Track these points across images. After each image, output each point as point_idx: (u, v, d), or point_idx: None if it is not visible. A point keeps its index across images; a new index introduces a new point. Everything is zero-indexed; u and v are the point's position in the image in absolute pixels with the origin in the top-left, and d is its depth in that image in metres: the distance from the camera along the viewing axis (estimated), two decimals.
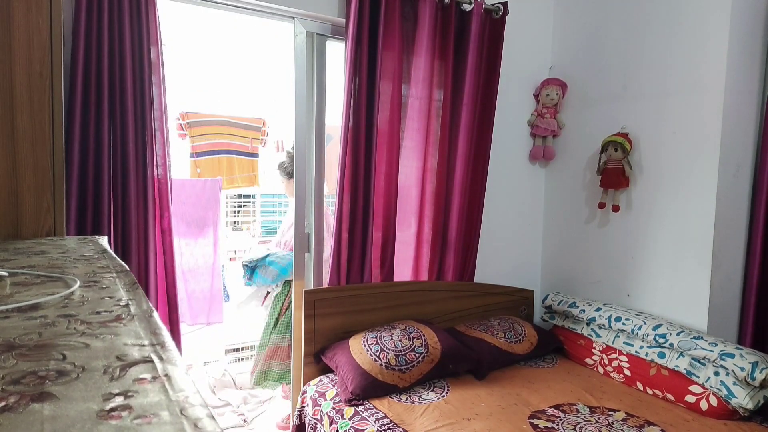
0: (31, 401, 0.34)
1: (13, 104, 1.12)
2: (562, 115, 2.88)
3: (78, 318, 0.54)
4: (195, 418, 0.32)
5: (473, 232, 2.64)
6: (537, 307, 2.99)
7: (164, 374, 0.39)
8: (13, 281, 0.70)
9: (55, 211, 1.18)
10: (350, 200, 2.30)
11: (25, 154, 1.14)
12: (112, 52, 1.82)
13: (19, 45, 1.11)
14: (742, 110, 2.19)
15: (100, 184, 1.83)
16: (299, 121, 2.33)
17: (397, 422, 1.82)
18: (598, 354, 2.43)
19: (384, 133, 2.36)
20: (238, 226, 4.70)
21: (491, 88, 2.60)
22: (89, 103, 1.79)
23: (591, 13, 2.73)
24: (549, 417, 1.89)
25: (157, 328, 0.52)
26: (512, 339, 2.43)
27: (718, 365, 1.96)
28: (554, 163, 2.97)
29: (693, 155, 2.25)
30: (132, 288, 0.69)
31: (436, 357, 2.14)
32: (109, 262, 0.88)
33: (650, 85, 2.42)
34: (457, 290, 2.64)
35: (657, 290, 2.42)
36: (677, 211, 2.32)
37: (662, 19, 2.36)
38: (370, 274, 2.40)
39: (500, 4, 2.56)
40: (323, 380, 2.19)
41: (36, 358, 0.42)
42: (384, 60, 2.30)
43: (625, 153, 2.46)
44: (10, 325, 0.51)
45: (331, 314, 2.29)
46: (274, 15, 2.24)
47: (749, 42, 2.17)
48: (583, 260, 2.80)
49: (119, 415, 0.32)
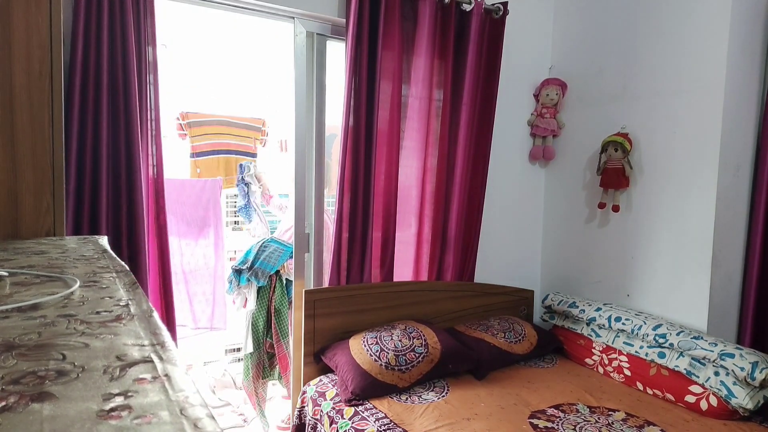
0: (30, 401, 0.34)
1: (13, 104, 1.12)
2: (562, 115, 2.88)
3: (78, 318, 0.54)
4: (195, 418, 0.32)
5: (473, 231, 2.64)
6: (537, 307, 2.99)
7: (164, 374, 0.39)
8: (13, 281, 0.70)
9: (54, 210, 1.18)
10: (350, 200, 2.30)
11: (24, 153, 1.14)
12: (111, 51, 1.82)
13: (19, 44, 1.11)
14: (742, 110, 2.19)
15: (98, 183, 1.83)
16: (299, 121, 2.33)
17: (397, 422, 1.82)
18: (598, 354, 2.43)
19: (384, 133, 2.36)
20: (238, 226, 4.70)
21: (491, 88, 2.60)
22: (87, 102, 1.78)
23: (591, 14, 2.73)
24: (549, 417, 1.89)
25: (157, 328, 0.52)
26: (512, 339, 2.43)
27: (718, 365, 1.96)
28: (554, 163, 2.97)
29: (693, 155, 2.25)
30: (132, 288, 0.69)
31: (435, 357, 2.14)
32: (109, 262, 0.88)
33: (650, 85, 2.42)
34: (457, 290, 2.64)
35: (657, 290, 2.42)
36: (677, 211, 2.32)
37: (662, 19, 2.36)
38: (370, 274, 2.40)
39: (500, 4, 2.56)
40: (323, 380, 2.19)
41: (36, 358, 0.42)
42: (384, 60, 2.30)
43: (625, 153, 2.46)
44: (10, 325, 0.51)
45: (331, 314, 2.29)
46: (274, 15, 2.24)
47: (749, 42, 2.17)
48: (583, 260, 2.80)
49: (119, 415, 0.32)
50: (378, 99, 2.29)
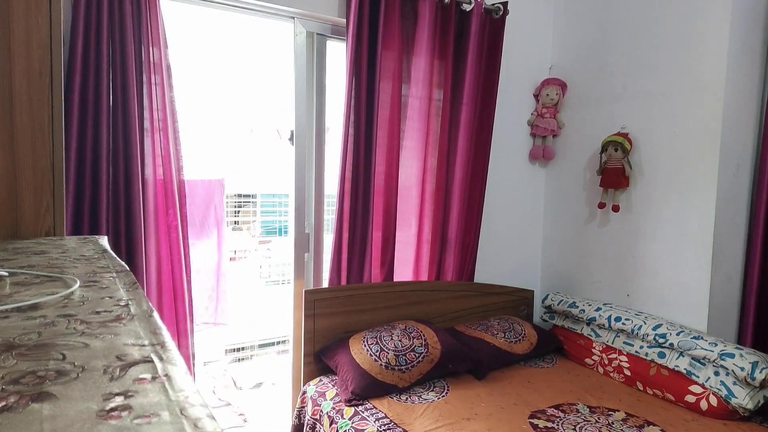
0: (30, 401, 0.34)
1: (13, 103, 1.12)
2: (562, 115, 2.88)
3: (78, 318, 0.54)
4: (195, 418, 0.32)
5: (473, 231, 2.64)
6: (537, 307, 2.99)
7: (164, 374, 0.39)
8: (13, 281, 0.70)
9: (54, 210, 1.18)
10: (350, 200, 2.30)
11: (24, 153, 1.13)
12: (111, 51, 1.82)
13: (19, 44, 1.11)
14: (742, 110, 2.19)
15: (98, 184, 1.83)
16: (299, 121, 2.33)
17: (397, 422, 1.82)
18: (598, 354, 2.43)
19: (384, 133, 2.36)
20: (237, 226, 4.70)
21: (491, 87, 2.60)
22: (87, 102, 1.78)
23: (591, 13, 2.73)
24: (549, 417, 1.89)
25: (157, 328, 0.51)
26: (512, 339, 2.43)
27: (718, 365, 1.96)
28: (554, 163, 2.97)
29: (693, 155, 2.25)
30: (132, 288, 0.69)
31: (436, 357, 2.14)
32: (109, 262, 0.88)
33: (650, 85, 2.42)
34: (457, 290, 2.64)
35: (657, 290, 2.42)
36: (677, 211, 2.32)
37: (662, 19, 2.36)
38: (370, 274, 2.40)
39: (500, 4, 2.56)
40: (323, 380, 2.19)
41: (35, 358, 0.42)
42: (384, 60, 2.30)
43: (625, 153, 2.46)
44: (10, 324, 0.51)
45: (331, 314, 2.29)
46: (274, 15, 2.24)
47: (749, 42, 2.17)
48: (583, 260, 2.80)
49: (119, 415, 0.32)
50: (378, 99, 2.29)
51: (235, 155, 4.16)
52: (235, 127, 4.12)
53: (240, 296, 3.98)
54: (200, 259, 3.30)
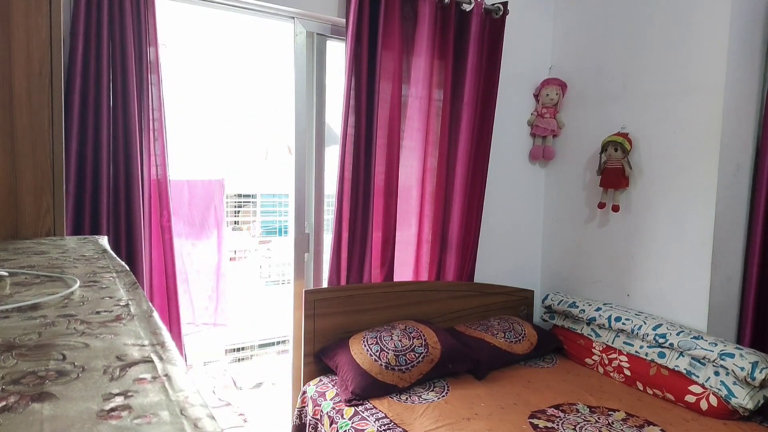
0: (31, 401, 0.34)
1: (13, 104, 1.12)
2: (562, 115, 2.88)
3: (78, 318, 0.54)
4: (195, 418, 0.32)
5: (473, 231, 2.64)
6: (537, 307, 2.99)
7: (164, 374, 0.39)
8: (13, 281, 0.70)
9: (54, 211, 1.18)
10: (350, 200, 2.30)
11: (24, 153, 1.13)
12: (111, 51, 1.82)
13: (19, 45, 1.11)
14: (742, 110, 2.19)
15: (98, 184, 1.83)
16: (299, 121, 2.33)
17: (397, 422, 1.82)
18: (598, 354, 2.43)
19: (384, 133, 2.36)
20: (237, 226, 4.70)
21: (491, 87, 2.60)
22: (87, 102, 1.78)
23: (591, 14, 2.73)
24: (549, 417, 1.89)
25: (157, 328, 0.52)
26: (512, 339, 2.43)
27: (718, 365, 1.96)
28: (554, 163, 2.97)
29: (693, 155, 2.25)
30: (132, 288, 0.69)
31: (436, 357, 2.14)
32: (109, 262, 0.88)
33: (650, 85, 2.42)
34: (457, 290, 2.64)
35: (657, 290, 2.42)
36: (677, 211, 2.32)
37: (662, 19, 2.36)
38: (370, 274, 2.40)
39: (500, 4, 2.56)
40: (323, 380, 2.19)
41: (36, 358, 0.42)
42: (384, 60, 2.30)
43: (625, 153, 2.46)
44: (10, 325, 0.51)
45: (331, 314, 2.29)
46: (274, 15, 2.24)
47: (749, 42, 2.17)
48: (583, 260, 2.80)
49: (119, 415, 0.32)
50: (378, 99, 2.29)
51: (235, 155, 4.16)
52: (234, 128, 4.12)
53: (240, 296, 3.98)
54: (200, 259, 3.31)
